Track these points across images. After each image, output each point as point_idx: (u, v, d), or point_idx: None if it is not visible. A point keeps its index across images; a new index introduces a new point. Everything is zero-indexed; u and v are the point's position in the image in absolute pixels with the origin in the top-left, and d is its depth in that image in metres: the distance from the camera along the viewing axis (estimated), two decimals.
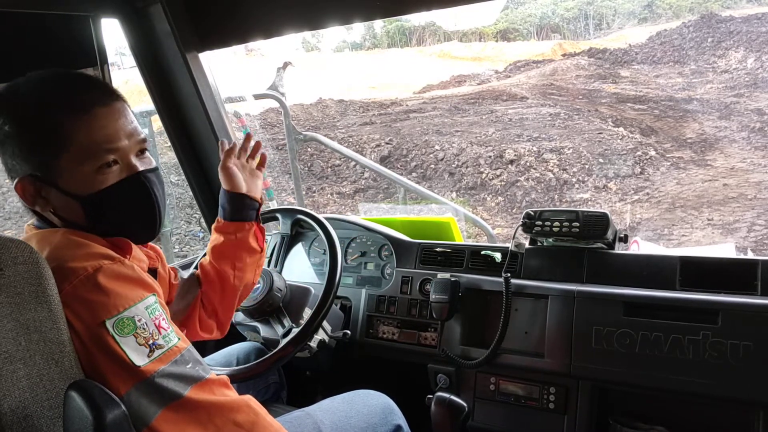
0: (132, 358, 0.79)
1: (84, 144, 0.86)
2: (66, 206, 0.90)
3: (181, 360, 0.83)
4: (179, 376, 0.81)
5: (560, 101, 11.36)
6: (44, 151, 0.87)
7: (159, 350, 0.81)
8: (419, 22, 33.72)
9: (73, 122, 0.86)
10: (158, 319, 0.84)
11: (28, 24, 1.42)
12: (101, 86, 0.94)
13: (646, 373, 1.22)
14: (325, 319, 1.40)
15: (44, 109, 0.87)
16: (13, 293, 0.73)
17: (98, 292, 0.80)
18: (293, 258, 1.84)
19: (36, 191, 0.89)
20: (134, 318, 0.81)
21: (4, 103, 0.89)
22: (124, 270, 0.84)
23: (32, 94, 0.89)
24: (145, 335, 0.81)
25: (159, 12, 1.62)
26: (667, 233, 5.93)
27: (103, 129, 0.88)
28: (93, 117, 0.87)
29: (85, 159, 0.87)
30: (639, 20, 28.86)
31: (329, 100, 13.04)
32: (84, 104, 0.88)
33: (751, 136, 8.54)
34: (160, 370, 0.80)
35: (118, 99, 0.93)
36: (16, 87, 0.90)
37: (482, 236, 3.88)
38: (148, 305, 0.83)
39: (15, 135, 0.87)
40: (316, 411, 1.21)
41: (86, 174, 0.87)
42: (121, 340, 0.79)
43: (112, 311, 0.80)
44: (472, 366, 1.43)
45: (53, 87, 0.90)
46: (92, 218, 0.90)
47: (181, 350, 0.84)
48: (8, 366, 0.72)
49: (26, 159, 0.87)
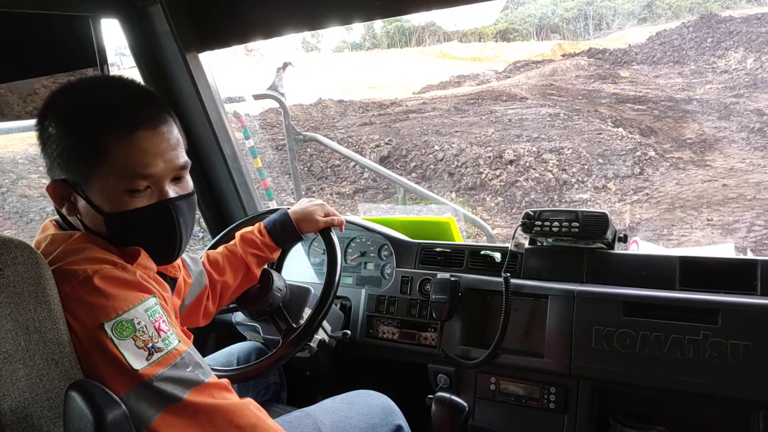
0: (130, 361, 0.78)
1: (120, 164, 0.86)
2: (91, 217, 0.90)
3: (181, 363, 0.83)
4: (178, 379, 0.81)
5: (560, 101, 11.36)
6: (80, 161, 0.86)
7: (158, 353, 0.81)
8: (419, 23, 33.70)
9: (114, 140, 0.85)
10: (158, 321, 0.83)
11: (28, 24, 1.42)
12: (152, 104, 0.91)
13: (646, 373, 1.22)
14: (325, 319, 1.40)
15: (89, 119, 0.86)
16: (12, 293, 0.73)
17: (97, 295, 0.80)
18: (293, 258, 1.84)
19: (66, 195, 0.90)
20: (133, 321, 0.81)
21: (54, 103, 0.89)
22: (122, 274, 0.84)
23: (81, 101, 0.89)
24: (144, 338, 0.80)
25: (159, 12, 1.62)
26: (666, 233, 5.93)
27: (140, 153, 0.87)
28: (134, 139, 0.86)
29: (118, 178, 0.86)
30: (639, 20, 28.85)
31: (329, 101, 13.03)
32: (128, 123, 0.86)
33: (751, 136, 8.54)
34: (159, 373, 0.80)
35: (166, 121, 0.91)
36: (69, 89, 0.90)
37: (482, 236, 3.88)
38: (148, 307, 0.83)
39: (57, 138, 0.87)
40: (316, 411, 1.21)
41: (116, 192, 0.87)
42: (120, 343, 0.79)
43: (111, 314, 0.79)
44: (472, 366, 1.43)
45: (103, 97, 0.89)
46: (114, 234, 0.91)
47: (181, 353, 0.84)
48: (8, 366, 0.72)
49: (63, 163, 0.87)
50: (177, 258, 1.00)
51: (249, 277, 1.35)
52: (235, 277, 1.33)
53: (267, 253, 1.36)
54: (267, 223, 1.38)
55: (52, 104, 0.89)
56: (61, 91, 0.90)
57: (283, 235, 1.37)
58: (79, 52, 1.53)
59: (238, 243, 1.36)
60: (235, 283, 1.33)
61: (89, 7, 1.52)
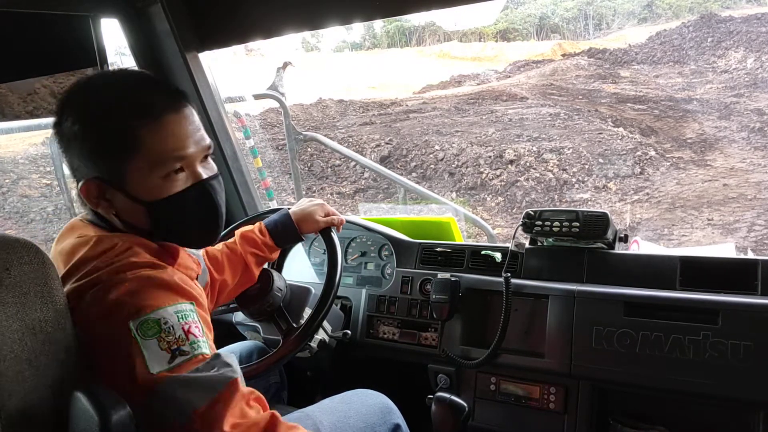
0: (149, 362, 0.75)
1: (153, 150, 0.85)
2: (130, 210, 0.89)
3: (205, 367, 0.78)
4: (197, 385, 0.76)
5: (560, 101, 11.36)
6: (112, 155, 0.85)
7: (182, 357, 0.77)
8: (419, 22, 33.73)
9: (143, 128, 0.85)
10: (190, 324, 0.80)
11: (28, 24, 1.42)
12: (170, 90, 0.92)
13: (646, 373, 1.22)
14: (326, 319, 1.40)
15: (114, 111, 0.85)
16: (19, 293, 0.73)
17: (130, 295, 0.79)
18: (293, 258, 1.84)
19: (100, 193, 0.88)
20: (159, 320, 0.78)
21: (73, 101, 0.87)
22: (161, 276, 0.83)
23: (102, 95, 0.88)
24: (169, 339, 0.77)
25: (159, 12, 1.62)
26: (667, 233, 5.93)
27: (172, 136, 0.87)
28: (164, 123, 0.86)
29: (153, 165, 0.86)
30: (639, 20, 28.85)
31: (329, 100, 13.03)
32: (154, 109, 0.86)
33: (751, 136, 8.54)
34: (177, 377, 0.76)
35: (187, 104, 0.91)
36: (85, 86, 0.89)
37: (482, 236, 3.88)
38: (180, 310, 0.80)
39: (82, 136, 0.85)
40: (315, 411, 1.21)
41: (153, 180, 0.87)
42: (143, 342, 0.76)
43: (140, 313, 0.78)
44: (472, 366, 1.43)
45: (123, 88, 0.89)
46: (156, 223, 0.90)
47: (206, 359, 0.79)
48: (14, 366, 0.72)
49: (93, 160, 0.86)
50: (218, 238, 1.00)
51: (247, 277, 1.35)
52: (234, 276, 1.33)
53: (266, 253, 1.36)
54: (268, 223, 1.38)
55: (70, 102, 0.87)
56: (77, 89, 0.89)
57: (284, 235, 1.37)
58: (79, 52, 1.53)
59: (238, 241, 1.35)
60: (233, 282, 1.33)
61: (89, 7, 1.52)
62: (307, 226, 1.38)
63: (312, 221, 1.38)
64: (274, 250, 1.37)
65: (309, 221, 1.37)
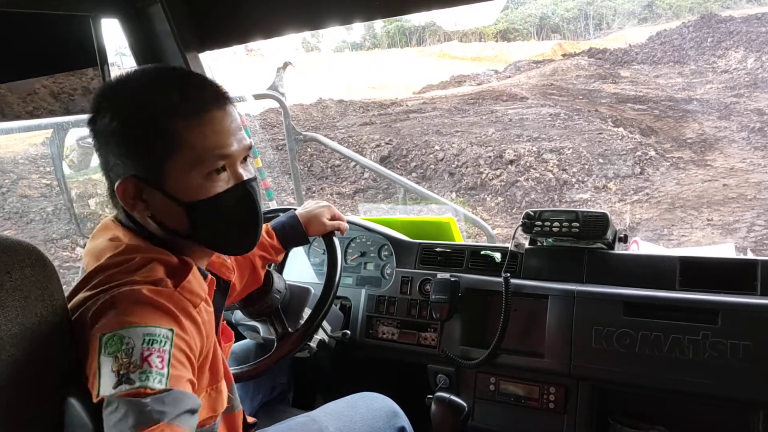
0: (101, 381, 0.70)
1: (196, 149, 0.81)
2: (168, 211, 0.84)
3: (138, 404, 0.69)
4: (124, 418, 0.68)
5: (560, 101, 11.36)
6: (152, 153, 0.81)
7: (125, 385, 0.69)
8: (419, 22, 33.78)
9: (186, 124, 0.81)
10: (152, 352, 0.71)
11: (28, 24, 1.42)
12: (213, 87, 0.88)
13: (646, 373, 1.22)
14: (325, 319, 1.40)
15: (155, 108, 0.81)
16: (20, 296, 0.72)
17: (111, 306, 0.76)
18: (293, 258, 1.84)
19: (137, 193, 0.83)
20: (123, 338, 0.71)
21: (111, 98, 0.84)
22: (149, 294, 0.77)
23: (142, 91, 0.84)
24: (123, 361, 0.70)
25: (159, 12, 1.62)
26: (666, 233, 5.94)
27: (216, 134, 0.83)
28: (207, 121, 0.82)
29: (195, 164, 0.82)
30: (639, 20, 28.88)
31: (329, 101, 13.04)
32: (197, 107, 0.82)
33: (751, 136, 8.55)
34: (111, 402, 0.69)
35: (229, 101, 0.88)
36: (124, 82, 0.86)
37: (482, 236, 3.88)
38: (150, 333, 0.73)
39: (121, 133, 0.81)
40: (320, 415, 1.21)
41: (195, 179, 0.82)
42: (103, 359, 0.70)
43: (111, 327, 0.73)
44: (472, 366, 1.43)
45: (165, 85, 0.85)
46: (195, 225, 0.85)
47: (150, 393, 0.70)
48: (11, 369, 0.71)
49: (131, 158, 0.82)
50: (256, 245, 0.96)
51: (254, 279, 1.33)
52: (242, 279, 1.30)
53: (273, 255, 1.33)
54: (275, 225, 1.36)
55: (107, 99, 0.84)
56: (114, 85, 0.86)
57: (291, 237, 1.35)
58: (79, 52, 1.52)
59: None
60: (241, 285, 1.30)
61: (89, 7, 1.52)
62: (314, 228, 1.36)
63: (319, 224, 1.36)
64: (280, 252, 1.35)
65: (316, 224, 1.36)
